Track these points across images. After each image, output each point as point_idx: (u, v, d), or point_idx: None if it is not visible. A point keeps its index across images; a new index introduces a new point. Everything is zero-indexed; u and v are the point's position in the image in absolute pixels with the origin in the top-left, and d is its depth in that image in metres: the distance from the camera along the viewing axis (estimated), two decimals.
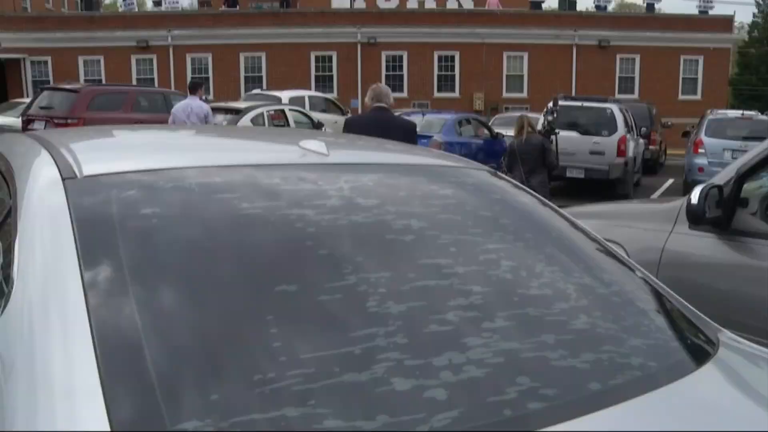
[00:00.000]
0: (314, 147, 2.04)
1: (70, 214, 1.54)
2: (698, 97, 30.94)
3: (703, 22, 31.30)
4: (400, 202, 1.87)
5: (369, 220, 1.74)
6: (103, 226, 1.54)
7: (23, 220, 1.60)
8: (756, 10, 55.20)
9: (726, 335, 1.85)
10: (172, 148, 2.24)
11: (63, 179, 1.68)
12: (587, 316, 1.65)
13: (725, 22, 31.90)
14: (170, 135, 2.88)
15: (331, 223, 1.69)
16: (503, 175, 2.37)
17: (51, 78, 28.69)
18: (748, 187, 3.99)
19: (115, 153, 2.15)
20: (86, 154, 1.94)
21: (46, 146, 2.00)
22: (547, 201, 2.28)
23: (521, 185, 2.36)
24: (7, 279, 1.48)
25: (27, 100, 19.71)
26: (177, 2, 32.12)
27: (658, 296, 1.92)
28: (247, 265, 1.54)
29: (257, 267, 1.55)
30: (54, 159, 1.83)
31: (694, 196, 3.55)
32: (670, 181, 18.02)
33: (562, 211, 2.25)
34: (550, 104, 11.47)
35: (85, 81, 27.82)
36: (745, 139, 14.62)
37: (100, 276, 1.42)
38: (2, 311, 1.40)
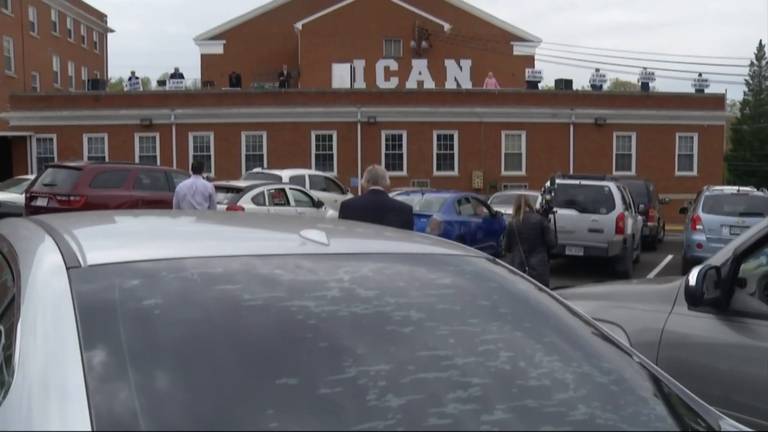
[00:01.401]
0: (314, 236, 2.06)
1: (73, 303, 1.56)
2: (694, 173, 31.27)
3: (696, 100, 31.91)
4: (399, 293, 1.88)
5: (369, 311, 1.75)
6: (106, 316, 1.55)
7: (26, 307, 1.62)
8: (746, 89, 56.63)
9: (727, 423, 1.84)
10: (174, 237, 2.27)
11: (67, 268, 1.70)
12: (586, 406, 1.65)
13: (717, 100, 32.52)
14: (171, 222, 2.91)
15: (331, 315, 1.70)
16: (501, 262, 2.39)
17: (55, 155, 29.05)
18: (746, 267, 4.01)
19: (118, 240, 2.18)
20: (90, 241, 1.96)
21: (50, 232, 2.02)
22: (544, 287, 2.29)
23: (519, 271, 2.37)
24: (9, 366, 1.49)
25: (31, 177, 19.91)
26: (181, 82, 32.79)
27: (657, 383, 1.91)
28: (248, 357, 1.55)
29: (258, 359, 1.56)
30: (58, 246, 1.86)
31: (692, 277, 3.55)
32: (670, 257, 18.02)
33: (559, 295, 2.26)
34: (548, 183, 11.58)
35: (89, 158, 28.16)
36: (742, 215, 14.73)
37: (103, 368, 1.42)
38: (3, 399, 1.41)
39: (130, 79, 33.72)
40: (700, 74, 32.60)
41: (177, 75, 33.31)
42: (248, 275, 1.80)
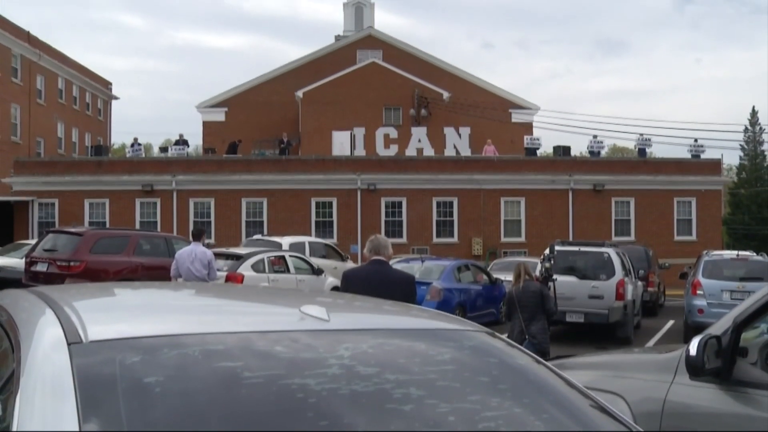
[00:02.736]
0: (315, 312, 2.08)
1: (74, 380, 1.56)
2: (693, 237, 31.32)
3: (692, 165, 32.19)
4: (399, 370, 1.89)
5: (369, 389, 1.75)
6: (106, 394, 1.56)
7: (25, 380, 1.62)
8: (742, 154, 57.37)
9: None
10: (175, 311, 2.28)
11: (68, 343, 1.71)
12: None
13: (714, 165, 32.82)
14: (172, 295, 2.92)
15: (331, 393, 1.70)
16: (500, 336, 2.39)
17: (57, 220, 29.12)
18: (747, 335, 4.00)
19: (119, 315, 2.19)
20: (91, 315, 1.98)
21: (50, 305, 2.04)
22: (543, 360, 2.29)
23: (518, 345, 2.38)
24: None
25: (32, 242, 19.93)
26: (184, 149, 33.12)
27: None
28: None
29: None
30: (59, 320, 1.87)
31: (693, 347, 3.54)
32: (671, 322, 17.90)
33: (560, 365, 2.26)
34: (547, 251, 11.62)
35: (90, 223, 28.24)
36: (743, 279, 14.71)
37: None
38: None
39: (132, 145, 34.07)
40: (695, 140, 33.02)
41: (181, 141, 33.73)
42: (249, 352, 1.81)
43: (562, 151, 33.09)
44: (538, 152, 34.28)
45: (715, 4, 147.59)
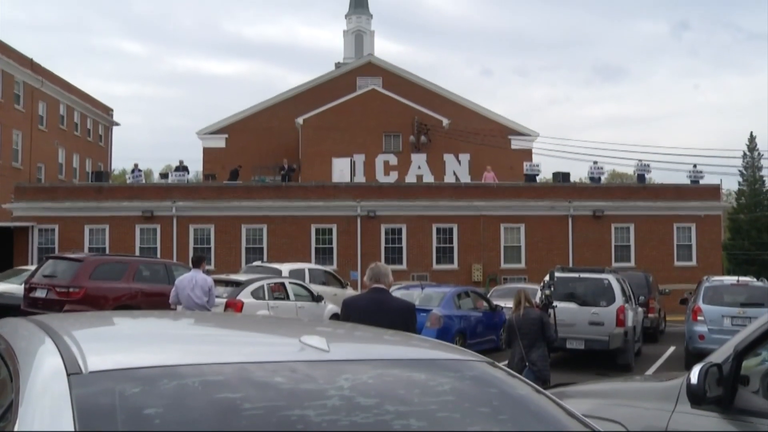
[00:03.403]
0: (315, 342, 2.08)
1: (73, 411, 1.56)
2: (693, 263, 31.30)
3: (691, 191, 32.27)
4: (399, 401, 1.88)
5: (369, 420, 1.75)
6: (105, 425, 1.55)
7: (24, 410, 1.62)
8: (741, 179, 57.63)
9: None
10: (175, 341, 2.28)
11: (68, 374, 1.70)
12: None
13: (713, 191, 32.88)
14: (171, 325, 2.92)
15: (331, 425, 1.70)
16: (500, 365, 2.39)
17: (57, 245, 29.08)
18: (748, 363, 3.98)
19: (118, 345, 2.19)
20: (90, 344, 1.97)
21: (50, 334, 2.03)
22: (543, 390, 2.29)
23: (518, 375, 2.37)
24: None
25: (31, 267, 19.89)
26: (184, 175, 33.17)
27: None
28: None
29: None
30: (59, 350, 1.86)
31: (693, 375, 3.53)
32: (672, 348, 17.82)
33: (561, 393, 2.26)
34: (547, 278, 11.61)
35: (90, 249, 28.22)
36: (743, 305, 14.67)
37: None
38: None
39: (132, 171, 34.15)
40: (694, 165, 33.10)
41: (181, 168, 33.81)
42: (248, 383, 1.80)
43: (562, 177, 33.18)
44: (538, 178, 34.35)
45: (713, 31, 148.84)
